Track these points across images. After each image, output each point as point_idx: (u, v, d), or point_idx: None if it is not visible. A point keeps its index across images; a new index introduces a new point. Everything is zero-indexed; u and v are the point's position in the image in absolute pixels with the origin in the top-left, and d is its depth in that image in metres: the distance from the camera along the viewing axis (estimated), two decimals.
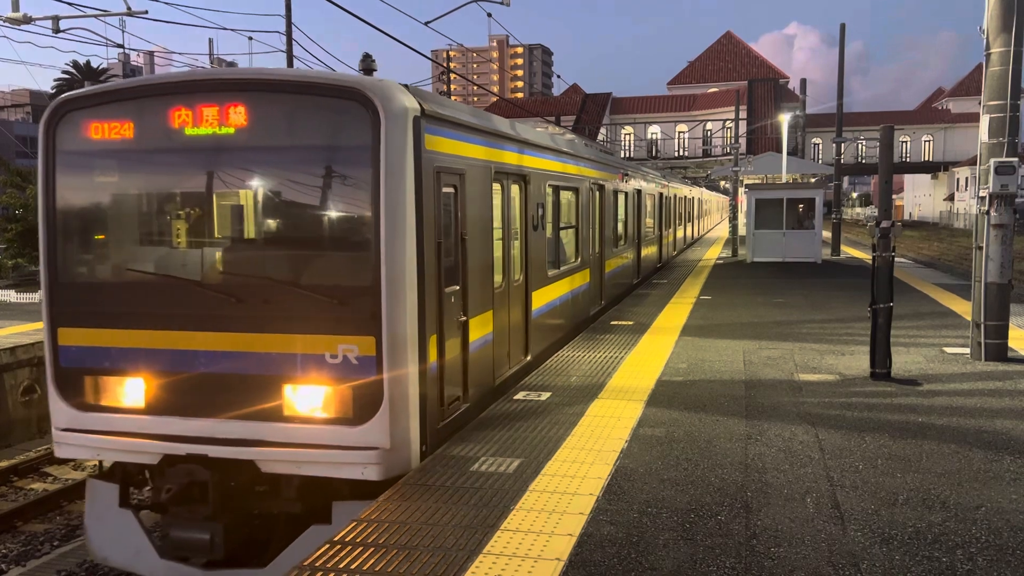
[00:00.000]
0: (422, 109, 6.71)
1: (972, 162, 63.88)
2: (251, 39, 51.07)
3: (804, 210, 27.41)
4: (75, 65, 70.19)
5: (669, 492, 6.05)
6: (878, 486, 6.17)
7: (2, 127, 51.19)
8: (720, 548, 5.10)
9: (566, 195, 12.62)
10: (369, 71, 7.18)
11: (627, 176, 18.11)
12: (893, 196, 10.40)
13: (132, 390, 6.89)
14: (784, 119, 41.45)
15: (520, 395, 8.91)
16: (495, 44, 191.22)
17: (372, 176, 6.35)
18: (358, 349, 6.39)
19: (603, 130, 72.11)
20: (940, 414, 8.17)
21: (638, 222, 19.89)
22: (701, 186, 52.82)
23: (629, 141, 74.19)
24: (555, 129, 14.06)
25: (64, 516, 10.76)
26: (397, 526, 5.43)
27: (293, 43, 22.96)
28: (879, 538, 5.24)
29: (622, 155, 69.04)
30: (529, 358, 10.25)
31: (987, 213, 10.62)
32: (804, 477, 6.36)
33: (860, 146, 74.54)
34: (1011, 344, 11.12)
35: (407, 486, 6.17)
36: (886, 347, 9.73)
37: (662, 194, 24.73)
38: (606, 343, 12.03)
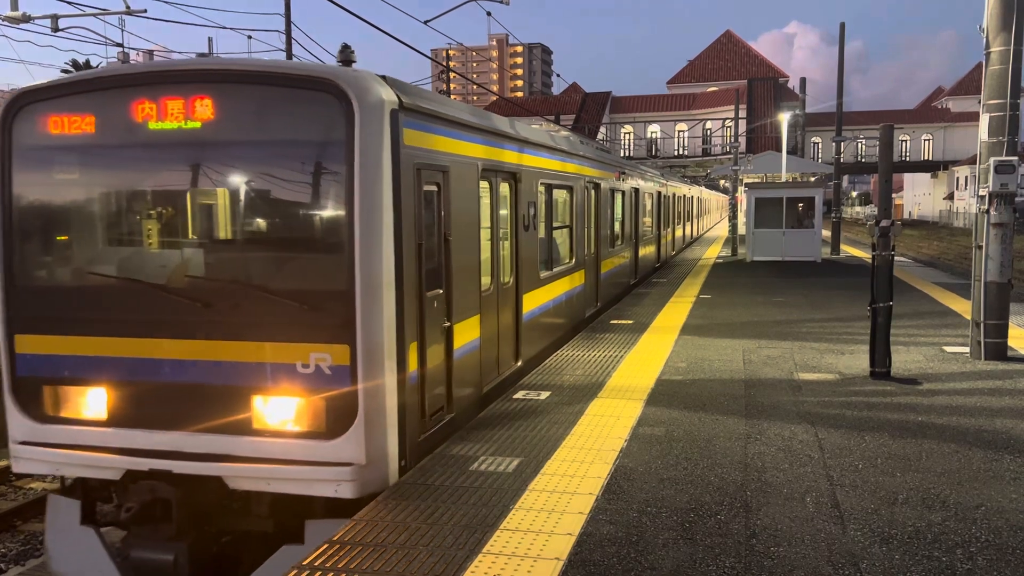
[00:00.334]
0: (400, 102, 6.35)
1: (972, 161, 63.93)
2: (250, 38, 51.22)
3: (804, 209, 27.40)
4: (74, 64, 70.15)
5: (669, 491, 6.05)
6: (878, 485, 6.17)
7: None
8: (720, 547, 5.10)
9: (560, 194, 12.33)
10: (348, 63, 6.76)
11: (624, 174, 17.85)
12: (893, 195, 10.39)
13: (93, 401, 6.51)
14: (784, 118, 41.44)
15: (519, 394, 8.90)
16: (495, 43, 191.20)
17: (346, 173, 5.98)
18: (331, 358, 6.03)
19: (603, 129, 72.07)
20: (940, 413, 8.16)
21: (635, 221, 19.63)
22: (700, 185, 52.78)
23: (629, 140, 74.20)
24: (549, 126, 13.70)
25: None
26: (396, 525, 5.43)
27: (293, 42, 22.96)
28: (879, 537, 5.24)
29: (622, 154, 69.07)
30: (520, 363, 9.94)
31: (987, 212, 10.62)
32: (804, 476, 6.36)
33: (860, 145, 74.52)
34: (1011, 343, 11.12)
35: (406, 485, 6.16)
36: (886, 346, 9.72)
37: (660, 193, 24.57)
38: (605, 342, 12.02)
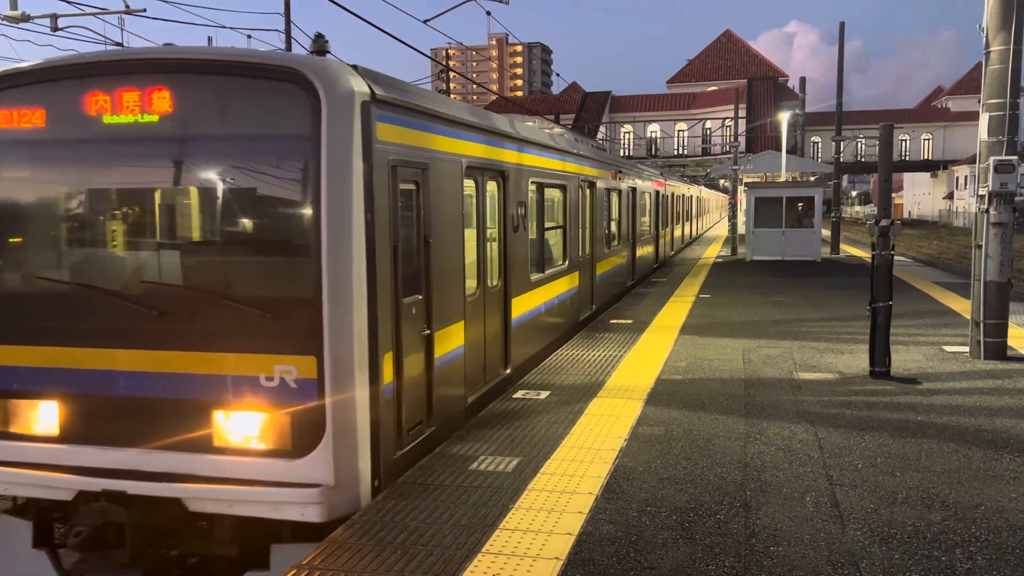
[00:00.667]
0: (372, 93, 5.92)
1: (971, 160, 63.92)
2: (250, 37, 51.01)
3: (803, 208, 27.41)
4: None
5: (668, 491, 6.04)
6: (877, 485, 6.16)
7: None
8: (719, 547, 5.10)
9: (552, 193, 11.95)
10: (321, 53, 6.26)
11: (620, 173, 17.48)
12: (892, 195, 10.39)
13: (43, 416, 6.06)
14: (783, 117, 41.45)
15: (519, 394, 8.90)
16: (494, 43, 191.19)
17: (312, 170, 5.58)
18: (296, 371, 5.61)
19: (602, 128, 72.08)
20: (939, 413, 8.16)
21: (633, 221, 19.30)
22: (700, 184, 52.77)
23: (628, 140, 74.22)
24: (545, 123, 13.40)
25: None
26: (395, 525, 5.42)
27: (293, 42, 22.97)
28: (878, 537, 5.23)
29: (622, 153, 69.09)
30: (509, 371, 9.54)
31: (986, 211, 10.62)
32: (803, 476, 6.36)
33: (859, 144, 74.55)
34: (1010, 343, 11.11)
35: (405, 485, 6.16)
36: (885, 346, 9.72)
37: (659, 192, 24.41)
38: (605, 341, 12.02)
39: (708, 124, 70.49)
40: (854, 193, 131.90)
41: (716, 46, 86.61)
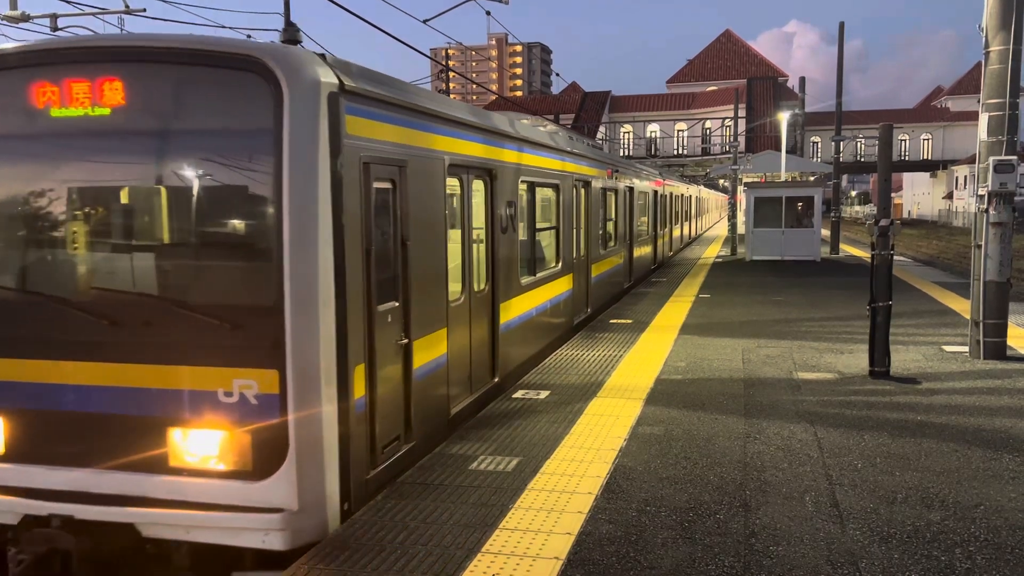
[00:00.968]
0: (341, 84, 5.49)
1: (971, 160, 63.90)
2: (249, 37, 51.06)
3: (803, 208, 27.43)
4: None
5: (668, 491, 6.05)
6: (877, 484, 6.17)
7: None
8: (719, 547, 5.10)
9: (544, 192, 11.55)
10: (293, 43, 5.83)
11: (617, 172, 17.10)
12: (892, 194, 10.39)
13: None
14: (783, 117, 41.48)
15: (519, 394, 8.90)
16: (494, 42, 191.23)
17: (273, 166, 5.17)
18: (257, 385, 5.20)
19: (602, 128, 72.12)
20: (939, 412, 8.16)
21: (630, 221, 18.99)
22: (699, 184, 52.79)
23: (628, 139, 74.25)
24: (535, 120, 13.11)
25: None
26: (395, 525, 5.43)
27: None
28: (878, 537, 5.24)
29: (621, 153, 69.10)
30: (497, 379, 9.08)
31: (986, 211, 10.62)
32: (803, 475, 6.36)
33: (859, 144, 74.59)
34: (1010, 342, 11.11)
35: (405, 485, 6.16)
36: (885, 345, 9.72)
37: (657, 191, 24.22)
38: (605, 341, 12.02)
39: (708, 124, 70.53)
40: (854, 193, 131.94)
41: (716, 46, 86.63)
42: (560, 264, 12.21)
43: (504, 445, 7.11)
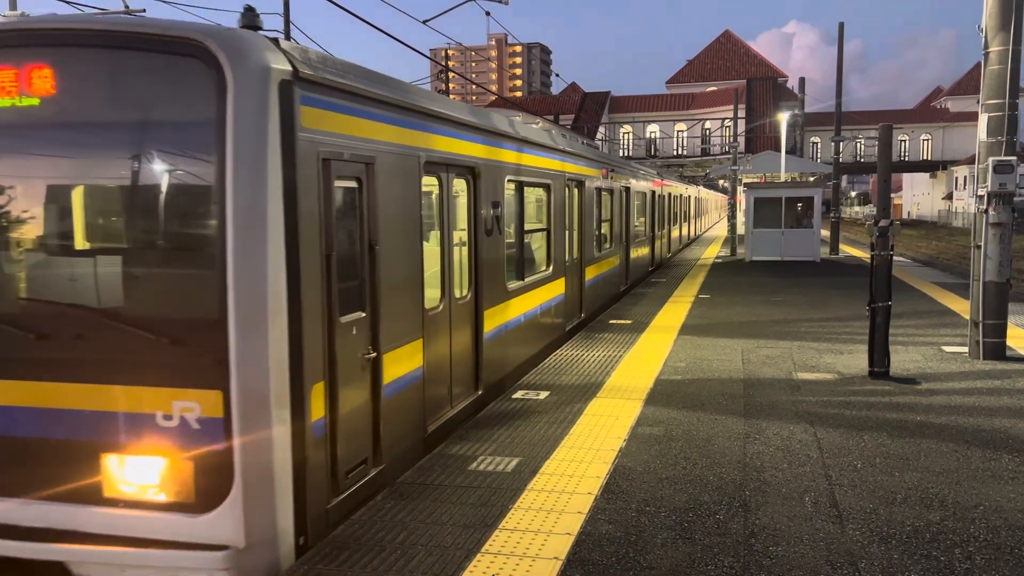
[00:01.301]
0: (296, 71, 4.99)
1: (970, 161, 63.97)
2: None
3: (803, 209, 27.46)
4: None
5: (667, 491, 6.05)
6: (876, 485, 6.17)
7: None
8: (718, 547, 5.10)
9: (534, 192, 11.07)
10: (252, 28, 5.25)
11: (613, 172, 16.63)
12: (892, 195, 10.40)
13: None
14: (783, 118, 41.53)
15: (518, 394, 8.90)
16: (494, 43, 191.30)
17: (217, 163, 4.69)
18: (199, 408, 4.71)
19: (602, 129, 72.18)
20: (938, 413, 8.17)
21: (626, 222, 18.52)
22: (699, 185, 52.81)
23: (628, 140, 74.31)
24: (525, 117, 12.76)
25: None
26: (395, 525, 5.43)
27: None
28: (877, 537, 5.24)
29: (621, 154, 69.13)
30: (481, 392, 8.58)
31: (985, 212, 10.63)
32: (802, 476, 6.36)
33: (859, 145, 74.64)
34: (1009, 343, 11.13)
35: (405, 485, 6.16)
36: (884, 346, 9.73)
37: (655, 192, 23.98)
38: (604, 342, 12.03)
39: (707, 124, 70.57)
40: (853, 193, 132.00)
41: (715, 46, 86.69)
42: (551, 268, 11.75)
43: (504, 445, 7.11)
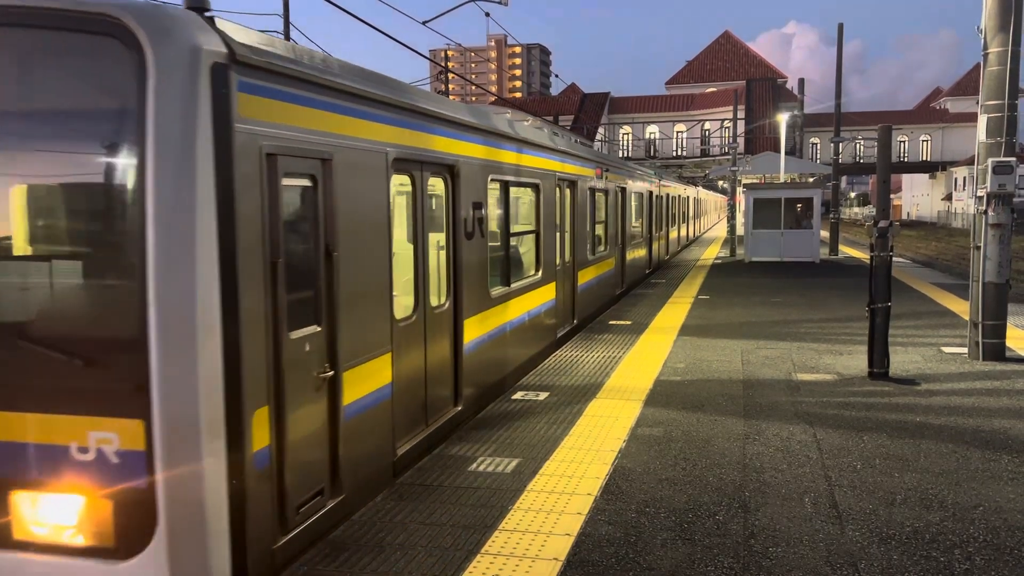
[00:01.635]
0: (232, 53, 4.34)
1: (970, 162, 63.97)
2: None
3: (802, 210, 27.48)
4: None
5: (667, 492, 6.05)
6: (876, 485, 6.17)
7: None
8: (718, 548, 5.10)
9: (521, 193, 10.54)
10: (200, 10, 4.51)
11: (608, 171, 16.12)
12: (891, 196, 10.41)
13: None
14: (782, 119, 41.55)
15: (518, 395, 8.91)
16: (493, 44, 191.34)
17: (136, 158, 4.09)
18: (118, 439, 4.13)
19: (601, 129, 72.20)
20: (938, 413, 8.17)
21: (622, 224, 18.03)
22: (698, 185, 52.82)
23: (627, 141, 74.33)
24: (515, 114, 12.47)
25: None
26: (395, 526, 5.43)
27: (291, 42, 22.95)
28: (877, 537, 5.24)
29: (620, 154, 69.14)
30: (460, 407, 7.98)
31: (985, 213, 10.64)
32: (802, 477, 6.37)
33: (858, 146, 74.65)
34: (1009, 343, 11.13)
35: (404, 486, 6.16)
36: (884, 347, 9.73)
37: (652, 192, 23.67)
38: (604, 343, 12.03)
39: (707, 125, 70.57)
40: (853, 194, 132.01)
41: (715, 47, 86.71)
42: (541, 272, 11.11)
43: (503, 446, 7.11)
